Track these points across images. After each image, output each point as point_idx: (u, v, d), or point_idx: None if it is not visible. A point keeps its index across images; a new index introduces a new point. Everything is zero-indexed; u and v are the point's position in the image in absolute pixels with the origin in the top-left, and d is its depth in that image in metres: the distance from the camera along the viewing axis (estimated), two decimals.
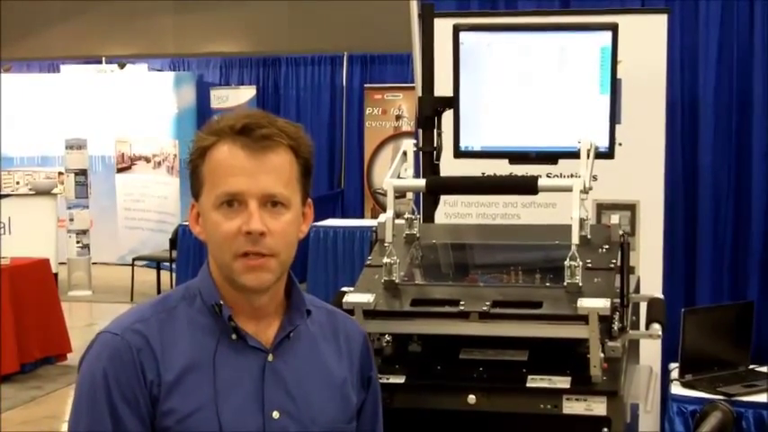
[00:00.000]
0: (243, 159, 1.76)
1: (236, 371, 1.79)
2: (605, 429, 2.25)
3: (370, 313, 2.34)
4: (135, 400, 1.73)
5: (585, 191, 2.48)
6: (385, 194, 2.60)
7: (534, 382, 2.29)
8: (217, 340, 1.80)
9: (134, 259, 11.06)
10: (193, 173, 1.82)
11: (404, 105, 11.99)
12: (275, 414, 1.80)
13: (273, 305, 1.87)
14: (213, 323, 1.82)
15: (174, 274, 10.49)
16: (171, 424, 1.74)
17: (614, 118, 2.97)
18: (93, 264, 11.48)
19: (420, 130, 3.29)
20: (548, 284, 2.41)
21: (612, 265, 2.41)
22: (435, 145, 3.19)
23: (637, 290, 2.73)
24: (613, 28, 2.92)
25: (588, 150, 2.65)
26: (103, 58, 13.72)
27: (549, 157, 3.03)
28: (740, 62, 5.07)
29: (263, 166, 1.77)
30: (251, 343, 1.82)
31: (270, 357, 1.82)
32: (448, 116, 3.12)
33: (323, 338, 1.93)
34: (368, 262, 2.54)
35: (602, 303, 2.22)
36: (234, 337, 1.81)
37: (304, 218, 1.87)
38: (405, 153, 2.72)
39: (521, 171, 3.15)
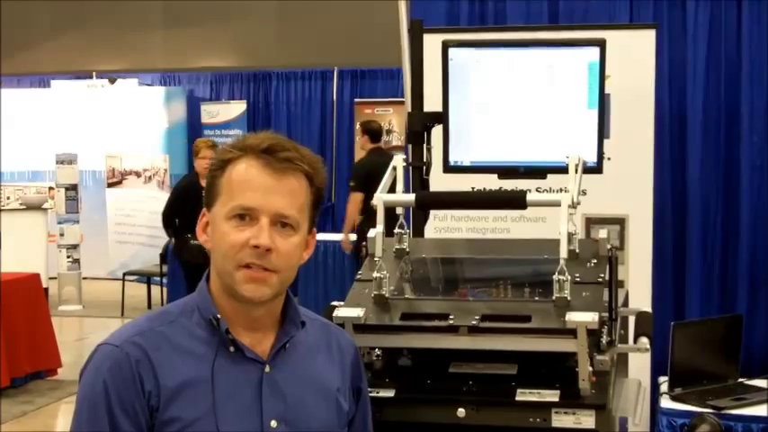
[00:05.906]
0: (262, 177, 1.82)
1: (234, 382, 1.83)
2: None
3: (360, 327, 2.35)
4: (133, 411, 1.76)
5: (574, 205, 2.49)
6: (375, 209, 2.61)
7: (523, 395, 2.30)
8: (215, 352, 1.84)
9: (125, 274, 11.03)
10: (210, 183, 1.87)
11: (394, 120, 12.01)
12: (273, 423, 1.83)
13: (270, 319, 1.91)
14: (211, 336, 1.85)
15: (164, 289, 10.48)
16: None
17: (602, 133, 2.99)
18: (84, 278, 11.44)
19: (410, 145, 3.30)
20: (536, 298, 2.43)
21: (601, 279, 2.43)
22: (425, 160, 3.21)
23: (626, 304, 2.74)
24: (601, 44, 2.94)
25: (576, 165, 2.67)
26: (94, 73, 13.72)
27: (538, 171, 3.04)
28: (728, 76, 5.10)
29: (280, 186, 1.83)
30: (248, 355, 1.85)
31: (267, 369, 1.86)
32: (437, 131, 3.13)
33: (317, 349, 1.98)
34: (358, 276, 2.55)
35: (591, 317, 2.23)
36: (232, 349, 1.85)
37: (306, 245, 1.92)
38: (395, 168, 2.74)
39: (510, 186, 3.17)
